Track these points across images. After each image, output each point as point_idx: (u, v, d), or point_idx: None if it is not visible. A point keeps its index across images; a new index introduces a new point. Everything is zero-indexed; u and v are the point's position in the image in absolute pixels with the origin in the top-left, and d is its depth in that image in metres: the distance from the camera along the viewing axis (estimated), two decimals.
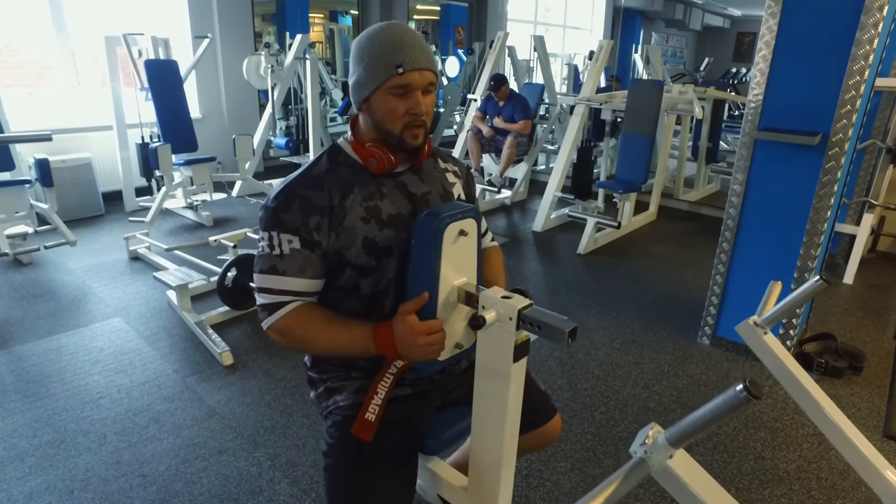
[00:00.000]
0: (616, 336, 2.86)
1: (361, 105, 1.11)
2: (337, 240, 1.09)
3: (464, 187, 1.30)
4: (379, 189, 1.13)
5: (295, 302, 1.08)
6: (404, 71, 1.03)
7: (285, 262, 1.07)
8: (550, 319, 0.98)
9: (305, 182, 1.10)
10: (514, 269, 3.76)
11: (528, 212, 5.03)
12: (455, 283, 1.12)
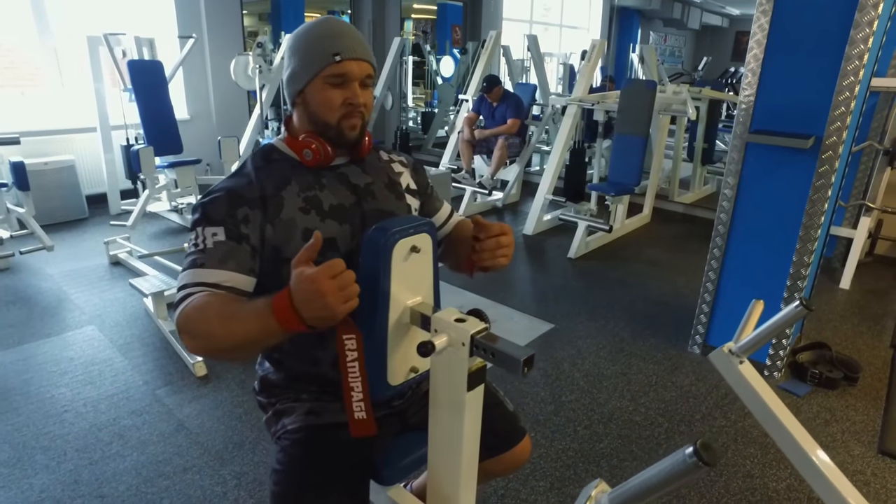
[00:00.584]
0: (604, 345, 2.77)
1: (296, 98, 1.07)
2: (274, 232, 1.03)
3: (412, 176, 1.25)
4: (318, 180, 1.09)
5: (202, 291, 0.94)
6: (342, 59, 1.02)
7: (206, 255, 0.97)
8: (505, 347, 0.90)
9: (234, 178, 1.07)
10: (502, 274, 3.67)
11: (520, 214, 4.94)
12: (408, 303, 1.03)
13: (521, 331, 2.89)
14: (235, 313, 0.89)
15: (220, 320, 0.89)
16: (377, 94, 6.70)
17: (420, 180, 1.26)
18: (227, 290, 0.97)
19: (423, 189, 1.27)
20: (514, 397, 2.32)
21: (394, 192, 1.18)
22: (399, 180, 1.21)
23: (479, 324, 0.94)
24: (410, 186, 1.23)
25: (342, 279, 0.82)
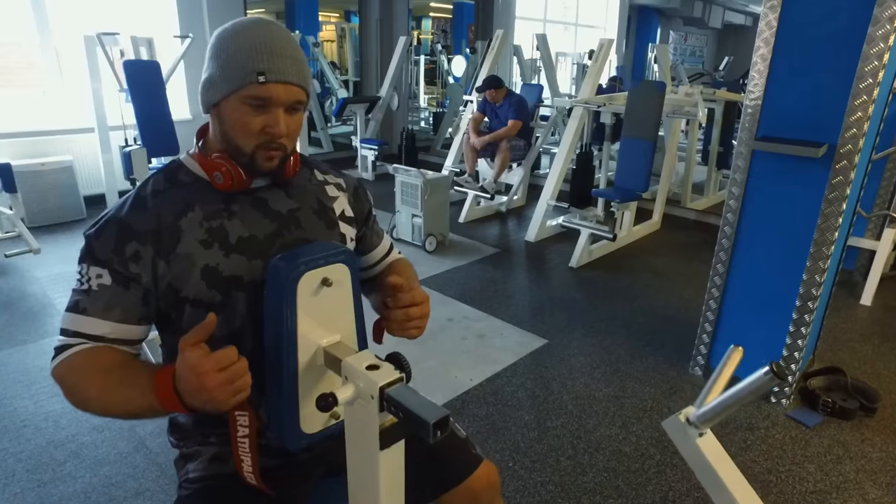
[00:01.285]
0: (598, 364, 2.60)
1: (210, 108, 0.93)
2: (168, 269, 0.90)
3: (351, 203, 1.10)
4: (227, 206, 0.95)
5: (83, 345, 0.87)
6: (266, 81, 0.86)
7: (90, 299, 0.87)
8: (415, 405, 0.75)
9: (129, 204, 0.92)
10: (500, 282, 3.52)
11: (523, 220, 4.77)
12: (322, 343, 0.89)
13: (511, 346, 2.74)
14: (115, 384, 0.83)
15: (98, 389, 0.83)
16: (383, 94, 6.59)
17: (359, 207, 1.12)
18: (113, 342, 0.88)
19: (361, 217, 1.12)
20: (496, 422, 2.17)
21: (324, 218, 1.03)
22: (332, 206, 1.06)
23: (391, 373, 0.79)
24: (346, 213, 1.08)
25: (232, 371, 0.76)
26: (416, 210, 4.00)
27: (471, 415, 2.21)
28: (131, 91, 4.14)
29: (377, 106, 6.68)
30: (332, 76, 8.67)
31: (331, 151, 7.64)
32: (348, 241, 1.07)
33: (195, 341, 0.76)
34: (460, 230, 4.52)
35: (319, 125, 7.62)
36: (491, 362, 2.59)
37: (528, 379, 2.46)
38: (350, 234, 1.08)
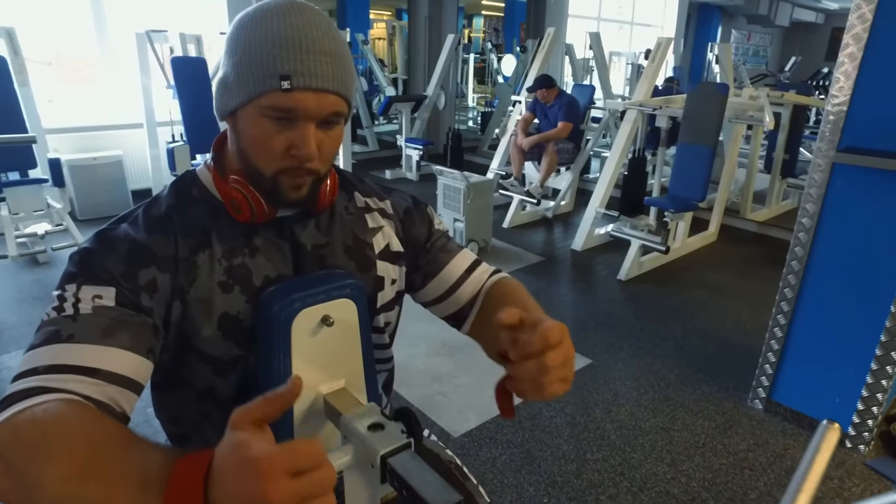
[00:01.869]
0: (646, 389, 2.40)
1: (225, 117, 0.73)
2: (182, 313, 0.72)
3: (400, 233, 0.90)
4: (249, 240, 0.76)
5: (61, 394, 0.58)
6: (292, 88, 0.66)
7: (77, 325, 0.63)
8: (421, 484, 0.61)
9: (143, 221, 0.73)
10: (543, 294, 3.34)
11: (570, 227, 4.57)
12: (321, 389, 0.76)
13: None
14: (102, 467, 0.52)
15: (66, 470, 0.51)
16: (429, 93, 6.48)
17: (414, 234, 0.91)
18: (110, 379, 0.62)
19: (418, 245, 0.91)
20: (532, 450, 2.01)
21: (357, 257, 0.84)
22: (371, 240, 0.86)
23: (397, 438, 0.65)
24: (392, 248, 0.88)
25: (314, 482, 0.46)
26: (457, 214, 3.87)
27: (505, 441, 2.06)
28: (178, 87, 4.17)
29: (423, 105, 6.58)
30: (381, 73, 8.63)
31: (376, 150, 7.60)
32: (388, 283, 0.87)
33: (257, 417, 0.50)
34: (504, 236, 4.36)
35: (365, 123, 7.59)
36: None
37: (569, 403, 2.29)
38: (393, 275, 0.88)
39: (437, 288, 0.92)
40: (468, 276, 0.92)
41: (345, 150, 4.89)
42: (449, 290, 0.91)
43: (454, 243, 0.95)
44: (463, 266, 0.92)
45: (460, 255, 0.93)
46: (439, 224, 0.96)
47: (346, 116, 0.73)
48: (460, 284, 0.91)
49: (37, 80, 4.19)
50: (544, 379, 0.62)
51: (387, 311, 0.89)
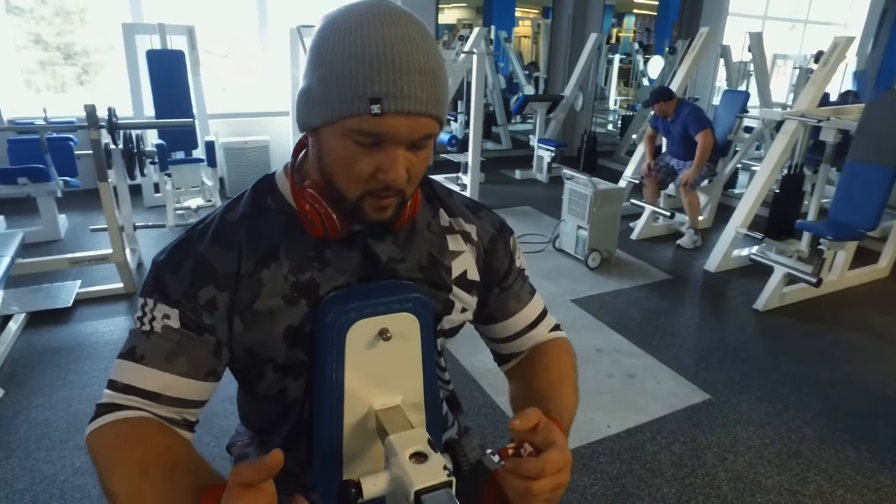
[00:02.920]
0: (773, 440, 2.10)
1: (307, 129, 0.69)
2: (244, 328, 0.73)
3: (480, 261, 0.84)
4: (319, 254, 0.74)
5: (136, 411, 0.70)
6: (383, 112, 0.61)
7: (150, 344, 0.70)
8: None
9: (211, 233, 0.74)
10: (665, 315, 3.08)
11: (706, 244, 4.17)
12: (374, 405, 0.73)
13: (664, 395, 2.35)
14: (150, 491, 0.64)
15: (127, 490, 0.64)
16: (567, 93, 6.29)
17: (494, 265, 0.85)
18: (169, 402, 0.71)
19: (495, 279, 0.86)
20: (627, 485, 1.85)
21: (431, 277, 0.79)
22: (449, 264, 0.81)
23: (437, 474, 0.60)
24: (468, 276, 0.83)
25: None
26: (582, 221, 3.70)
27: (599, 470, 1.92)
28: None
29: (559, 105, 6.41)
30: (521, 72, 8.56)
31: (509, 149, 7.56)
32: (457, 310, 0.82)
33: (251, 480, 0.55)
34: (631, 248, 4.10)
35: (501, 120, 7.57)
36: (636, 410, 2.25)
37: (676, 440, 2.08)
38: (465, 304, 0.83)
39: (498, 332, 0.92)
40: (529, 331, 0.91)
41: (474, 146, 4.90)
42: (507, 338, 0.92)
43: (527, 288, 0.93)
44: (528, 319, 0.91)
45: (529, 305, 0.91)
46: (519, 259, 0.91)
47: (437, 135, 0.68)
48: (519, 337, 0.91)
49: (214, 70, 4.71)
50: (528, 500, 0.64)
51: (448, 337, 0.85)
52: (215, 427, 2.04)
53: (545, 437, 0.65)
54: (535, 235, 4.26)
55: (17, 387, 2.26)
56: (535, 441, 0.65)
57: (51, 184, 3.52)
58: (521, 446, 0.66)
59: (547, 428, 0.65)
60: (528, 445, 0.66)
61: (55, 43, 5.73)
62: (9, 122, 4.45)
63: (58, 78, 5.88)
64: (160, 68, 4.11)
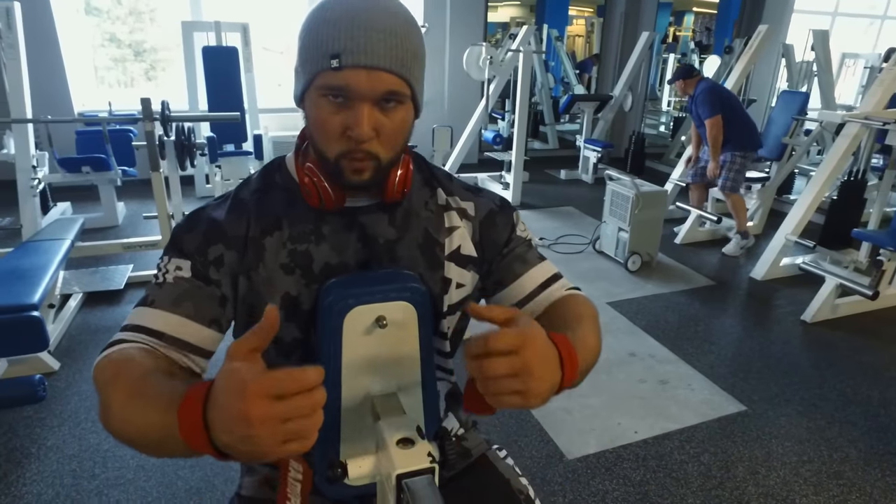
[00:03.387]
0: (812, 458, 2.01)
1: (299, 104, 0.76)
2: (248, 287, 0.78)
3: (476, 236, 0.86)
4: (317, 228, 0.79)
5: (135, 343, 0.72)
6: (341, 66, 0.66)
7: (161, 292, 0.75)
8: None
9: (225, 204, 0.82)
10: (703, 322, 2.99)
11: (754, 251, 4.00)
12: (371, 390, 0.75)
13: (697, 404, 2.28)
14: (139, 393, 0.62)
15: (123, 397, 0.63)
16: (616, 93, 6.16)
17: (491, 238, 0.87)
18: (173, 343, 0.73)
19: (493, 249, 0.87)
20: (650, 493, 1.81)
21: (426, 256, 0.82)
22: (443, 240, 0.84)
23: (420, 460, 0.61)
24: (463, 251, 0.85)
25: (293, 406, 0.51)
26: (623, 224, 3.63)
27: (622, 476, 1.88)
28: None
29: (608, 105, 6.29)
30: (571, 70, 8.44)
31: (555, 148, 7.48)
32: (454, 286, 0.84)
33: (249, 348, 0.54)
34: (673, 252, 3.99)
35: (548, 119, 7.50)
36: (666, 417, 2.19)
37: (706, 451, 2.02)
38: (461, 279, 0.85)
39: (507, 298, 0.87)
40: (542, 291, 0.85)
41: (518, 144, 4.87)
42: (519, 302, 0.85)
43: (534, 253, 0.89)
44: (538, 280, 0.86)
45: (537, 267, 0.87)
46: (523, 231, 0.91)
47: (411, 99, 0.71)
48: (531, 299, 0.85)
49: (270, 66, 4.86)
50: (486, 386, 0.60)
51: (451, 316, 0.85)
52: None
53: (507, 317, 0.63)
54: (576, 236, 4.20)
55: (72, 361, 2.40)
56: (477, 340, 0.59)
57: (111, 173, 3.72)
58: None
59: (516, 314, 0.63)
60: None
61: (127, 41, 6.06)
62: (78, 114, 4.73)
63: (128, 74, 6.22)
64: (214, 64, 4.28)
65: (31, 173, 3.22)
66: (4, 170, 3.62)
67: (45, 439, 1.95)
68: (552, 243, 4.07)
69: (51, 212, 3.82)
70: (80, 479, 1.78)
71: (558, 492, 1.82)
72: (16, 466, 1.83)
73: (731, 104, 3.85)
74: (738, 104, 3.95)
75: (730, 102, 3.84)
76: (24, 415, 2.05)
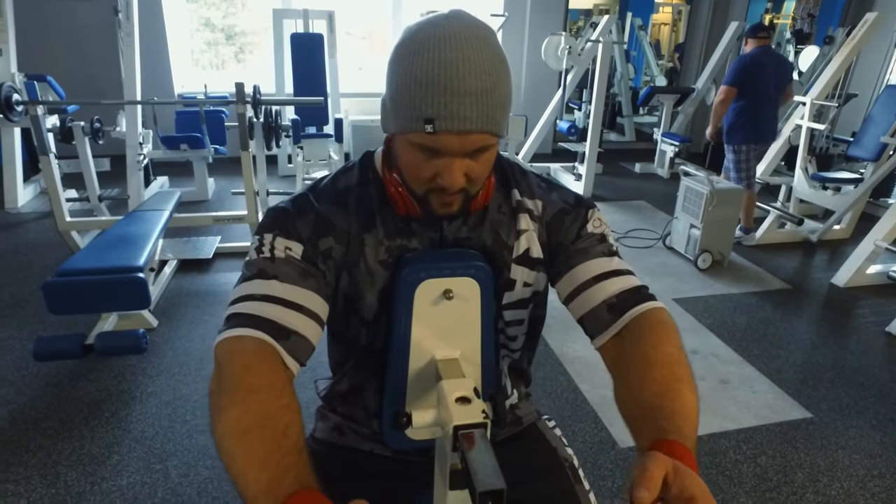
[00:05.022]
0: (882, 472, 1.95)
1: (386, 133, 0.83)
2: (349, 282, 0.85)
3: (543, 237, 0.90)
4: (407, 225, 0.86)
5: (263, 334, 0.74)
6: (435, 131, 0.71)
7: (278, 267, 0.79)
8: (476, 461, 0.64)
9: (329, 195, 0.86)
10: (774, 325, 2.90)
11: (838, 257, 3.81)
12: (436, 355, 0.84)
13: (759, 407, 2.24)
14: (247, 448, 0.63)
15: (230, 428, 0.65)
16: (698, 86, 5.95)
17: (559, 238, 0.89)
18: (308, 314, 0.78)
19: (561, 247, 0.89)
20: None
21: (492, 258, 0.87)
22: (512, 243, 0.88)
23: (475, 415, 0.70)
24: (531, 253, 0.89)
25: None
26: (695, 220, 3.55)
27: None
28: None
29: (689, 98, 6.09)
30: (654, 62, 8.19)
31: (632, 141, 7.32)
32: (519, 285, 0.89)
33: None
34: (748, 253, 3.86)
35: (626, 111, 7.33)
36: (724, 417, 2.18)
37: (764, 453, 1.99)
38: (527, 279, 0.89)
39: (565, 287, 0.88)
40: (597, 283, 0.84)
41: (592, 136, 4.83)
42: (574, 291, 0.86)
43: (603, 247, 0.88)
44: (597, 270, 0.85)
45: (598, 260, 0.86)
46: (597, 227, 0.90)
47: (498, 144, 0.77)
48: (586, 288, 0.85)
49: (353, 51, 5.05)
50: None
51: (515, 310, 0.92)
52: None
53: (680, 491, 0.56)
54: (646, 231, 4.14)
55: (167, 319, 2.67)
56: (669, 498, 0.56)
57: (204, 151, 4.03)
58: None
59: (679, 478, 0.56)
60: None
61: (220, 25, 6.47)
62: (178, 96, 5.12)
63: (219, 56, 6.64)
64: (301, 50, 4.50)
65: (138, 150, 3.55)
66: (115, 146, 4.00)
67: (146, 386, 2.20)
68: (621, 237, 4.03)
69: (151, 185, 4.20)
70: (174, 423, 2.01)
71: (608, 476, 1.86)
72: (124, 406, 2.09)
73: (757, 86, 3.59)
74: (766, 89, 3.63)
75: (755, 82, 3.59)
76: (130, 363, 2.33)
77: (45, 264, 3.17)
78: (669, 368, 0.74)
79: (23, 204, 4.10)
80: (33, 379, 2.21)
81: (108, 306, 2.35)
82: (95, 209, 3.72)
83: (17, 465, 1.80)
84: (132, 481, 1.76)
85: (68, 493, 1.71)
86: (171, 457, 1.86)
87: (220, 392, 0.69)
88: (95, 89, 4.64)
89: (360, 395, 0.98)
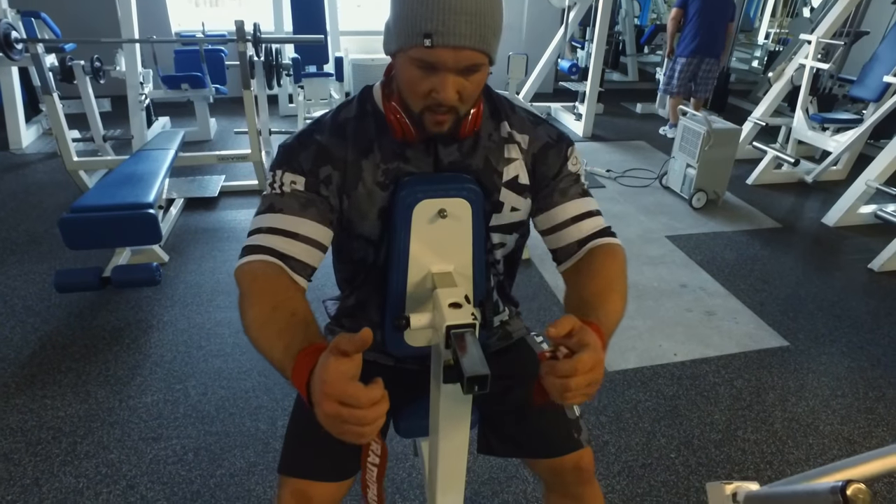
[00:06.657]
0: (845, 394, 2.10)
1: (388, 54, 0.89)
2: (349, 205, 0.95)
3: (529, 166, 0.99)
4: (403, 151, 0.95)
5: (270, 257, 0.88)
6: (433, 46, 0.79)
7: (284, 201, 0.91)
8: (464, 354, 0.75)
9: (328, 127, 0.96)
10: (761, 262, 3.01)
11: (831, 197, 3.86)
12: (432, 269, 0.94)
13: (739, 335, 2.38)
14: (273, 325, 0.80)
15: (258, 317, 0.82)
16: None
17: (543, 170, 1.00)
18: (306, 241, 0.90)
19: (544, 181, 1.00)
20: (679, 406, 1.98)
21: (483, 181, 0.96)
22: (501, 169, 0.97)
23: (464, 317, 0.81)
24: (519, 180, 0.99)
25: (350, 415, 0.65)
26: (691, 160, 3.60)
27: (656, 389, 2.06)
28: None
29: None
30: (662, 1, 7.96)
31: (634, 80, 7.24)
32: (507, 209, 0.99)
33: (346, 350, 0.66)
34: (743, 192, 3.93)
35: (630, 51, 7.21)
36: (707, 345, 2.32)
37: (741, 377, 2.14)
38: (515, 203, 0.99)
39: (544, 222, 1.01)
40: (574, 223, 0.99)
41: (593, 76, 4.80)
42: (553, 227, 1.00)
43: (578, 188, 1.01)
44: (569, 213, 0.99)
45: (574, 202, 0.99)
46: (574, 165, 1.02)
47: (489, 64, 0.85)
48: (563, 227, 0.99)
49: None
50: (565, 395, 0.73)
51: (501, 233, 1.02)
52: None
53: (579, 340, 0.74)
54: (643, 171, 4.20)
55: (178, 254, 2.79)
56: (570, 344, 0.74)
57: (206, 90, 4.04)
58: (557, 349, 0.76)
59: (581, 332, 0.74)
60: (564, 348, 0.75)
61: None
62: (176, 34, 5.05)
63: None
64: None
65: (139, 89, 3.57)
66: (115, 86, 4.00)
67: (162, 315, 2.34)
68: (619, 176, 4.09)
69: (153, 125, 4.22)
70: (190, 349, 2.16)
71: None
72: (143, 334, 2.23)
73: (700, 5, 4.48)
74: (709, 8, 4.49)
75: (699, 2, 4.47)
76: (145, 294, 2.46)
77: (56, 203, 3.26)
78: (607, 281, 0.93)
79: (27, 145, 4.15)
80: (56, 309, 2.35)
81: (121, 241, 2.46)
82: (100, 149, 3.78)
83: (52, 384, 1.96)
84: (156, 399, 1.92)
85: (100, 409, 1.87)
86: (190, 378, 2.01)
87: (242, 302, 0.86)
88: (88, 28, 4.58)
89: (365, 309, 1.10)
